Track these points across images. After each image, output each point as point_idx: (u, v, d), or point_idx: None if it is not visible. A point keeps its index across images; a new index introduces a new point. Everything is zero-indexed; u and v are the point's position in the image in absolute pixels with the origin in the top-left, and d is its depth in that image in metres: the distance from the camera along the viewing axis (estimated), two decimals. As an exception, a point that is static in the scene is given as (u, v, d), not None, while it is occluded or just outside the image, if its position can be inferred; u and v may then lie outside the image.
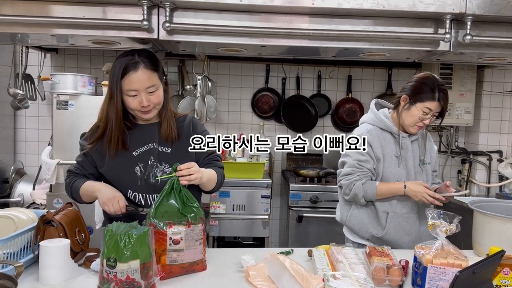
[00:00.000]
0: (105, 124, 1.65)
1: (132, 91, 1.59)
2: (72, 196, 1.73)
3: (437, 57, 1.92)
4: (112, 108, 1.62)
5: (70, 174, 1.76)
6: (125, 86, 1.58)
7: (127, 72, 1.57)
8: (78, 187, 1.68)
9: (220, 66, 3.95)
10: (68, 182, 1.74)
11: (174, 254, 1.45)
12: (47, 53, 3.68)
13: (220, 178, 1.80)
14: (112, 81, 1.60)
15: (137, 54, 1.60)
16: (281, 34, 1.65)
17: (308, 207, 3.42)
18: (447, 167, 4.11)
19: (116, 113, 1.62)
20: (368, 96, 3.98)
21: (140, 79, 1.58)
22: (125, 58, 1.59)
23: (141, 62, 1.58)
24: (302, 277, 1.37)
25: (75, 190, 1.70)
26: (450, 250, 1.40)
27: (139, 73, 1.57)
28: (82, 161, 1.74)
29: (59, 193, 3.07)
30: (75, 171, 1.75)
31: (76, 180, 1.71)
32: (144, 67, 1.58)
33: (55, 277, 1.42)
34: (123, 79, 1.57)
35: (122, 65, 1.57)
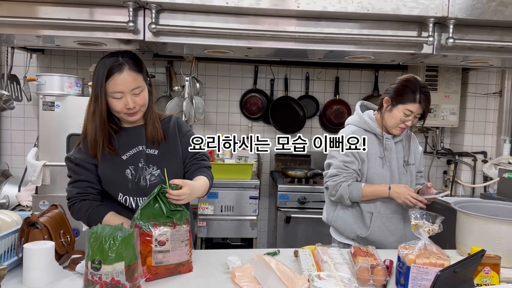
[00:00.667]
0: (90, 127, 1.62)
1: (117, 93, 1.57)
2: (88, 224, 1.65)
3: (421, 59, 1.95)
4: (97, 110, 1.59)
5: (80, 196, 1.65)
6: (110, 88, 1.56)
7: (112, 74, 1.55)
8: (100, 217, 1.61)
9: (208, 67, 3.95)
10: (84, 210, 1.63)
11: (160, 255, 1.45)
12: (33, 53, 3.64)
13: (211, 183, 1.79)
14: (96, 83, 1.58)
15: (121, 56, 1.58)
16: (267, 36, 1.66)
17: (296, 207, 3.43)
18: (433, 168, 4.16)
19: (101, 115, 1.59)
20: (355, 98, 4.01)
21: (126, 80, 1.56)
22: (109, 59, 1.57)
23: (125, 64, 1.56)
24: (287, 278, 1.38)
25: (94, 218, 1.62)
26: (432, 250, 1.42)
27: (124, 75, 1.56)
28: (87, 176, 1.65)
29: (45, 194, 3.04)
30: (85, 191, 1.65)
31: (95, 208, 1.63)
32: (129, 68, 1.57)
33: (39, 280, 1.41)
34: (107, 81, 1.55)
35: (106, 67, 1.55)
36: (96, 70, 1.59)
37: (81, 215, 1.65)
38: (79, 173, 1.65)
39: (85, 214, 1.63)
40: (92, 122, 1.61)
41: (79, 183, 1.65)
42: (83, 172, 1.65)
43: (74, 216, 1.68)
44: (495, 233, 1.71)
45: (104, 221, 1.61)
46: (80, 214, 1.65)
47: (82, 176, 1.65)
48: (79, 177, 1.65)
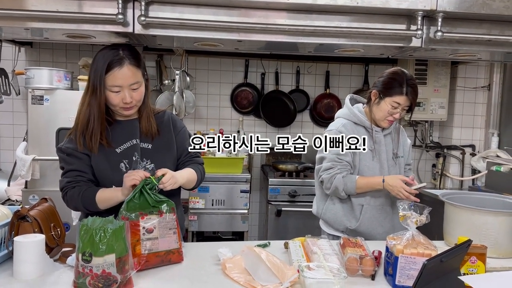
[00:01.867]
0: (86, 119, 1.61)
1: (116, 87, 1.57)
2: (84, 206, 1.62)
3: (410, 53, 1.97)
4: (95, 103, 1.58)
5: (70, 184, 1.63)
6: (109, 81, 1.56)
7: (112, 68, 1.55)
8: (93, 195, 1.60)
9: (198, 61, 3.94)
10: (77, 194, 1.61)
11: (149, 243, 1.47)
12: (21, 47, 3.60)
13: (200, 176, 1.81)
14: (95, 75, 1.57)
15: (121, 50, 1.58)
16: (257, 29, 1.67)
17: (287, 201, 3.46)
18: (422, 161, 4.20)
19: (99, 108, 1.59)
20: (345, 92, 4.03)
21: (125, 75, 1.56)
22: (109, 52, 1.57)
23: (126, 59, 1.57)
24: (277, 269, 1.39)
25: (88, 199, 1.60)
26: (420, 240, 1.44)
27: (124, 70, 1.56)
28: (78, 165, 1.64)
29: (34, 189, 3.02)
30: (75, 179, 1.64)
31: (86, 190, 1.61)
32: (129, 63, 1.57)
33: (30, 273, 1.41)
34: (107, 74, 1.55)
35: (106, 60, 1.55)
36: (95, 61, 1.58)
37: (75, 201, 1.63)
38: (71, 163, 1.65)
39: (78, 198, 1.61)
40: (88, 114, 1.60)
41: (70, 172, 1.65)
42: (74, 161, 1.64)
43: (70, 205, 1.67)
44: (482, 224, 1.75)
45: (98, 197, 1.60)
46: (73, 201, 1.63)
47: (73, 165, 1.64)
48: (70, 167, 1.65)
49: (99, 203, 1.60)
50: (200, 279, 1.44)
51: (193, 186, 1.80)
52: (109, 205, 1.61)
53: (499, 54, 2.07)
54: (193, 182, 1.76)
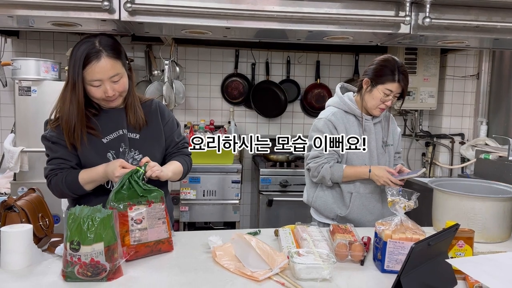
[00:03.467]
0: (68, 116, 1.57)
1: (95, 81, 1.53)
2: (70, 191, 1.60)
3: (399, 40, 1.97)
4: (74, 99, 1.55)
5: (53, 171, 1.61)
6: (88, 76, 1.52)
7: (89, 62, 1.50)
8: (76, 178, 1.58)
9: (188, 51, 3.91)
10: (60, 179, 1.59)
11: (138, 234, 1.46)
12: (7, 37, 3.54)
13: (186, 168, 1.80)
14: (73, 70, 1.53)
15: (98, 41, 1.53)
16: (246, 15, 1.65)
17: (278, 191, 3.47)
18: (412, 150, 4.23)
19: (78, 104, 1.55)
20: (336, 82, 3.98)
21: (104, 68, 1.52)
22: (85, 45, 1.52)
23: (103, 51, 1.52)
24: (267, 255, 1.40)
25: (72, 182, 1.58)
26: (408, 226, 1.45)
27: (102, 63, 1.51)
28: (62, 153, 1.61)
29: (23, 181, 3.00)
30: (58, 167, 1.61)
31: (68, 174, 1.59)
32: (107, 55, 1.52)
33: (18, 263, 1.39)
34: (85, 69, 1.51)
35: (83, 54, 1.50)
36: (72, 56, 1.54)
37: (60, 186, 1.60)
38: (55, 150, 1.63)
39: (61, 183, 1.59)
40: (70, 109, 1.57)
41: (53, 160, 1.63)
42: (59, 149, 1.62)
43: (55, 192, 1.64)
44: (469, 209, 1.76)
45: (81, 178, 1.58)
46: (58, 187, 1.60)
47: (57, 153, 1.62)
48: (54, 155, 1.63)
49: (84, 184, 1.58)
50: (190, 267, 1.44)
51: (179, 178, 1.79)
52: (95, 184, 1.60)
53: (487, 41, 2.08)
54: (179, 174, 1.75)
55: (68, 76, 1.56)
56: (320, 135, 2.09)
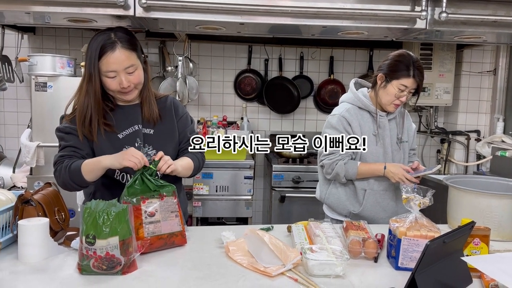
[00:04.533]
0: (85, 107, 1.59)
1: (110, 72, 1.55)
2: (70, 179, 1.57)
3: (415, 35, 1.94)
4: (91, 90, 1.57)
5: (62, 158, 1.60)
6: (103, 67, 1.55)
7: (104, 53, 1.53)
8: (79, 166, 1.55)
9: (201, 47, 3.92)
10: (65, 166, 1.57)
11: (151, 226, 1.48)
12: (24, 34, 3.59)
13: (198, 164, 1.80)
14: (89, 62, 1.55)
15: (114, 33, 1.56)
16: (260, 11, 1.65)
17: (291, 187, 3.46)
18: (427, 147, 4.18)
19: (95, 95, 1.58)
20: (350, 77, 3.94)
21: (118, 59, 1.54)
22: (101, 37, 1.55)
23: (118, 42, 1.54)
24: (280, 251, 1.40)
25: (74, 170, 1.55)
26: (423, 223, 1.44)
27: (116, 54, 1.53)
28: (74, 142, 1.62)
29: (39, 175, 3.04)
30: (68, 154, 1.61)
31: (73, 162, 1.57)
32: (122, 46, 1.54)
33: (35, 256, 1.42)
34: (100, 60, 1.54)
35: (98, 46, 1.53)
36: (89, 48, 1.56)
37: (63, 174, 1.58)
38: (67, 140, 1.63)
39: (65, 170, 1.57)
40: (86, 101, 1.59)
41: (65, 148, 1.63)
42: (71, 138, 1.62)
43: (58, 181, 1.62)
44: (485, 207, 1.74)
45: (83, 167, 1.54)
46: (62, 175, 1.59)
47: (69, 142, 1.62)
48: (66, 143, 1.63)
49: (84, 174, 1.55)
50: (203, 262, 1.45)
51: (191, 174, 1.79)
52: (95, 175, 1.56)
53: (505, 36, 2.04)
54: (189, 170, 1.75)
55: (85, 68, 1.58)
56: (333, 131, 2.08)
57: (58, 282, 1.28)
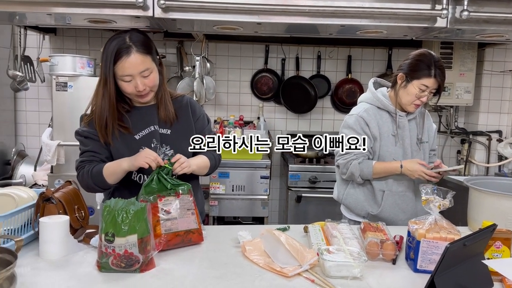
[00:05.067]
0: (101, 110, 1.62)
1: (126, 76, 1.57)
2: (94, 183, 1.63)
3: (435, 34, 1.91)
4: (106, 93, 1.60)
5: (83, 164, 1.67)
6: (119, 71, 1.57)
7: (120, 58, 1.54)
8: (100, 170, 1.61)
9: (219, 47, 3.93)
10: (87, 171, 1.63)
11: (168, 223, 1.50)
12: (45, 34, 3.66)
13: (214, 163, 1.82)
14: (104, 66, 1.57)
15: (129, 37, 1.57)
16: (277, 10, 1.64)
17: (307, 187, 3.45)
18: (447, 147, 4.11)
19: (110, 98, 1.60)
20: (368, 77, 3.93)
21: (134, 64, 1.55)
22: (116, 41, 1.56)
23: (133, 46, 1.55)
24: (296, 251, 1.39)
25: (96, 174, 1.61)
26: (443, 225, 1.41)
27: (132, 58, 1.55)
28: (93, 147, 1.67)
29: (60, 174, 3.10)
30: (88, 159, 1.66)
31: (94, 167, 1.63)
32: (137, 51, 1.55)
33: (55, 252, 1.44)
34: (116, 64, 1.55)
35: (114, 50, 1.55)
36: (104, 51, 1.58)
37: (86, 179, 1.64)
38: (86, 144, 1.68)
39: (87, 174, 1.63)
40: (102, 104, 1.62)
41: (85, 153, 1.68)
42: (89, 143, 1.67)
43: (82, 184, 1.68)
44: (507, 209, 1.70)
45: (105, 171, 1.60)
46: (85, 179, 1.65)
47: (88, 147, 1.67)
48: (85, 148, 1.68)
49: (106, 177, 1.61)
50: (220, 261, 1.45)
51: (206, 172, 1.81)
52: (116, 178, 1.62)
53: (529, 35, 1.99)
54: (205, 169, 1.78)
55: (101, 71, 1.61)
56: (351, 131, 2.07)
57: (77, 279, 1.30)
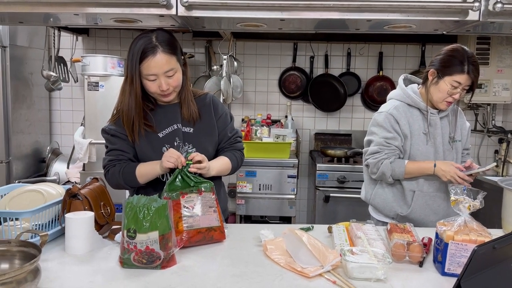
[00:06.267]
0: (127, 109, 1.65)
1: (151, 75, 1.59)
2: (125, 182, 1.67)
3: (467, 28, 1.82)
4: (132, 92, 1.62)
5: (112, 162, 1.69)
6: (144, 70, 1.59)
7: (145, 57, 1.57)
8: (133, 171, 1.64)
9: (247, 46, 3.93)
10: (118, 171, 1.66)
11: (190, 219, 1.51)
12: (78, 35, 3.77)
13: (235, 164, 1.81)
14: (130, 65, 1.60)
15: (155, 36, 1.59)
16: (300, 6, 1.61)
17: (336, 187, 3.39)
18: (483, 147, 3.95)
19: (136, 97, 1.63)
20: (400, 74, 3.76)
21: (159, 63, 1.57)
22: (142, 40, 1.59)
23: (159, 46, 1.57)
24: (319, 252, 1.37)
25: (128, 174, 1.65)
26: (473, 227, 1.35)
27: (157, 58, 1.57)
28: (121, 145, 1.70)
29: (91, 171, 3.18)
30: (117, 158, 1.69)
31: (126, 166, 1.66)
32: (162, 51, 1.57)
33: (80, 248, 1.48)
34: (141, 63, 1.58)
35: (140, 49, 1.57)
36: (130, 51, 1.61)
37: (115, 178, 1.68)
38: (114, 142, 1.71)
39: (118, 175, 1.67)
40: (128, 102, 1.64)
41: (112, 151, 1.71)
42: (117, 141, 1.70)
43: (111, 182, 1.72)
44: (545, 211, 1.60)
45: (138, 171, 1.65)
46: (114, 178, 1.69)
47: (116, 145, 1.70)
48: (113, 146, 1.71)
49: (139, 177, 1.65)
50: (241, 259, 1.44)
51: (228, 173, 1.81)
52: (148, 179, 1.67)
53: None
54: (226, 171, 1.78)
55: (127, 70, 1.63)
56: (380, 130, 2.01)
57: (100, 274, 1.32)
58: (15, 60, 3.30)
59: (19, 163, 3.45)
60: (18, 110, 3.40)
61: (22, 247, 1.24)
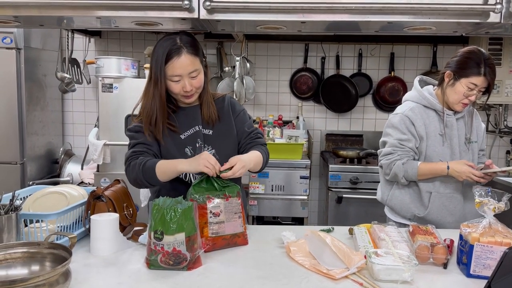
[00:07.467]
0: (151, 109, 1.65)
1: (175, 76, 1.60)
2: (144, 177, 1.60)
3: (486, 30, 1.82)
4: (156, 93, 1.63)
5: (135, 154, 1.66)
6: (169, 71, 1.60)
7: (170, 58, 1.58)
8: (153, 166, 1.59)
9: (258, 47, 3.94)
10: (139, 163, 1.61)
11: (216, 226, 1.51)
12: (91, 37, 3.79)
13: (265, 157, 1.80)
14: (155, 67, 1.61)
15: (179, 38, 1.61)
16: (321, 9, 1.61)
17: (348, 188, 3.39)
18: (495, 148, 3.94)
19: (160, 98, 1.63)
20: (411, 74, 3.86)
21: (184, 64, 1.59)
22: (167, 42, 1.60)
23: (184, 47, 1.59)
24: (343, 253, 1.37)
25: (149, 169, 1.59)
26: (498, 229, 1.35)
27: (182, 59, 1.58)
28: (145, 140, 1.68)
29: (106, 172, 3.20)
30: (141, 150, 1.67)
31: (148, 160, 1.61)
32: (187, 52, 1.59)
33: (106, 249, 1.49)
34: (166, 64, 1.59)
35: (165, 51, 1.58)
36: (155, 53, 1.62)
37: (137, 171, 1.61)
38: (138, 137, 1.69)
39: (139, 167, 1.60)
40: (153, 104, 1.65)
41: (136, 145, 1.68)
42: (141, 136, 1.69)
43: (130, 176, 1.66)
44: None
45: (158, 167, 1.58)
46: (134, 171, 1.62)
47: (140, 139, 1.68)
48: (137, 141, 1.69)
49: (158, 174, 1.59)
50: (265, 261, 1.45)
51: (259, 168, 1.77)
52: (168, 176, 1.60)
53: None
54: (259, 164, 1.75)
55: (151, 72, 1.65)
56: (395, 131, 2.02)
57: (127, 275, 1.34)
58: (29, 62, 3.33)
59: (33, 165, 3.47)
60: (32, 111, 3.42)
61: (52, 249, 1.25)
